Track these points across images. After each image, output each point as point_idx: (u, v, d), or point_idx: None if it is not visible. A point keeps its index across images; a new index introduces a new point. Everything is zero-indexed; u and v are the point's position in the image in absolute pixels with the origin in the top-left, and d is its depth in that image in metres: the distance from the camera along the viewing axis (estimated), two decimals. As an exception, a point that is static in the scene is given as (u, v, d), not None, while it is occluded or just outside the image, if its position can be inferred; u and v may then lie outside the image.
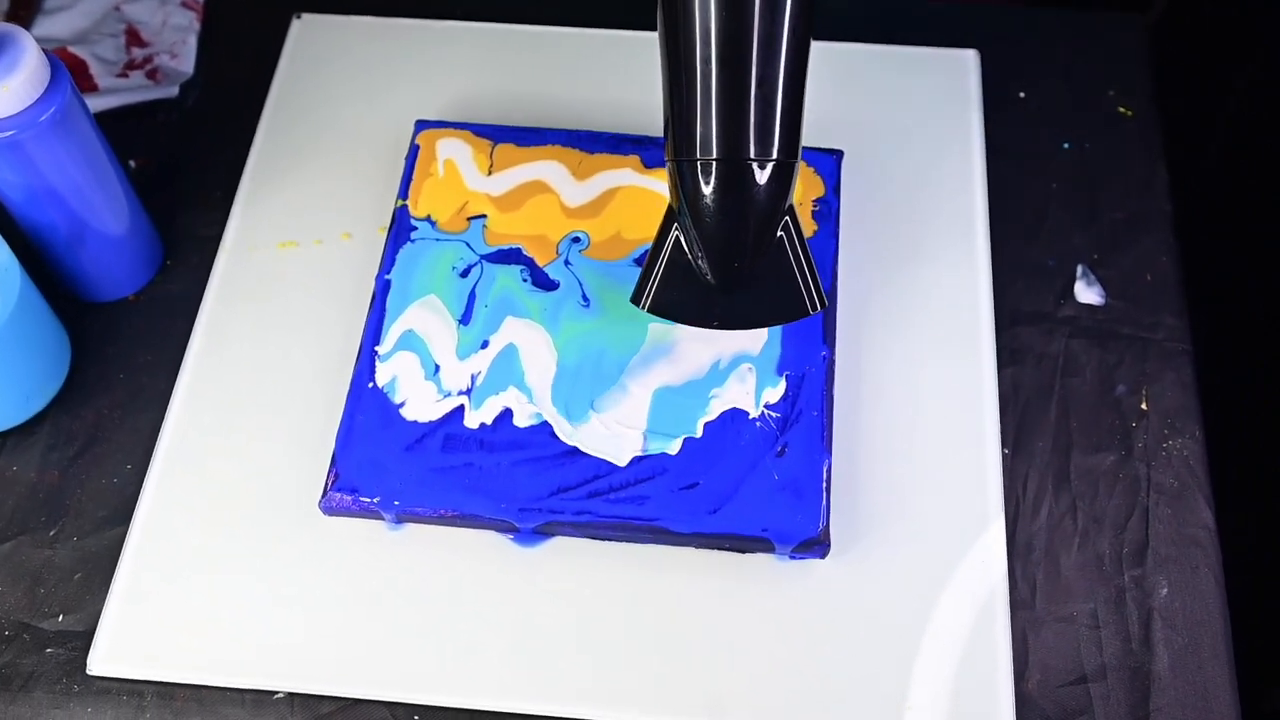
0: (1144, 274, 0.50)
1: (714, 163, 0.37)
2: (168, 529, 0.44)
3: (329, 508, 0.43)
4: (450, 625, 0.42)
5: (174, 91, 0.53)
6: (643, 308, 0.41)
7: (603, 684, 0.41)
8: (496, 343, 0.45)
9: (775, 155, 0.37)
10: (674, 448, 0.43)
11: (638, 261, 0.47)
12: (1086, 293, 0.49)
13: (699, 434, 0.43)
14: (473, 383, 0.44)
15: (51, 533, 0.44)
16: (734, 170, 0.37)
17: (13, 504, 0.45)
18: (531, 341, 0.45)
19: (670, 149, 0.38)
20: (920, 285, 0.49)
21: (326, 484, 0.43)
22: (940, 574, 0.43)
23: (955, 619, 0.42)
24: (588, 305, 0.46)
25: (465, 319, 0.45)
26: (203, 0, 0.56)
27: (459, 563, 0.43)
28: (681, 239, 0.40)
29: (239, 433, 0.46)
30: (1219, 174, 0.54)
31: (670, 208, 0.40)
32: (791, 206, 0.39)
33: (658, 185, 0.49)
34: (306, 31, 0.55)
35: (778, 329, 0.45)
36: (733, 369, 0.44)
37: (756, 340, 0.45)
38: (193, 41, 0.55)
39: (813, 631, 0.42)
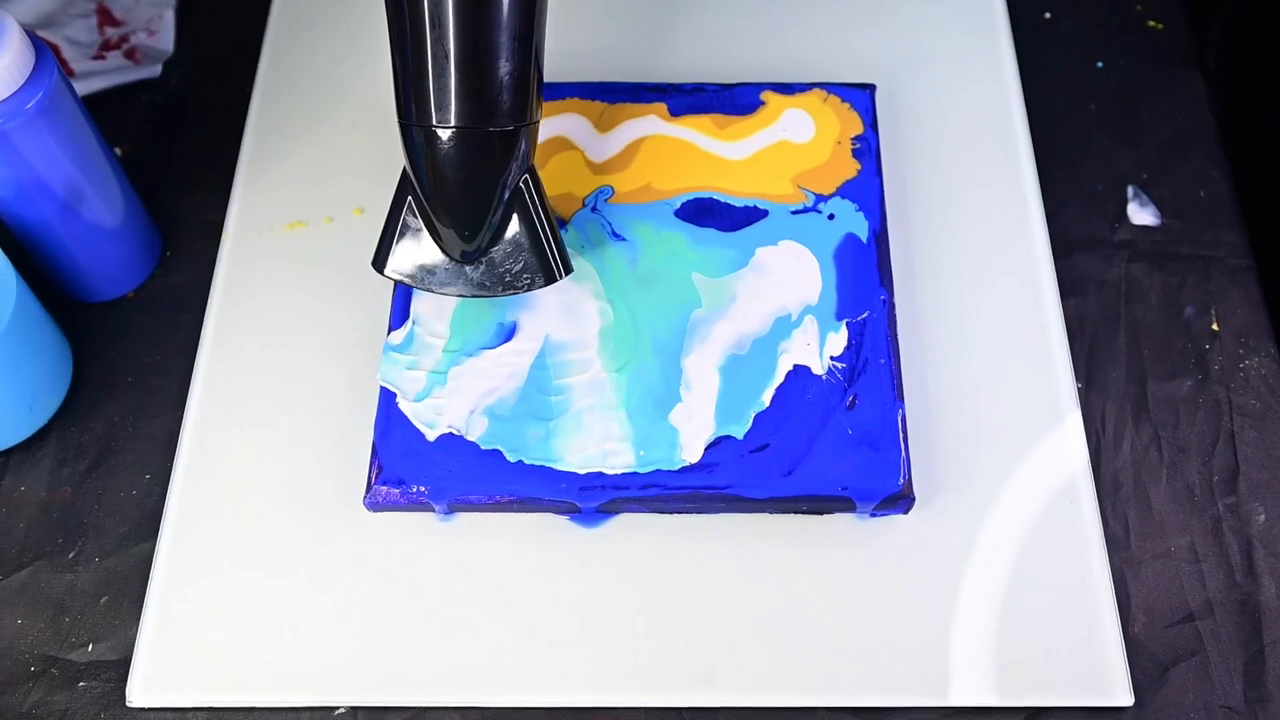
0: (1196, 190, 0.48)
1: (442, 129, 0.35)
2: (197, 541, 0.40)
3: (374, 503, 0.40)
4: (516, 618, 0.39)
5: (156, 71, 0.49)
6: (382, 271, 0.39)
7: (687, 668, 0.38)
8: (530, 329, 0.42)
9: (504, 124, 0.35)
10: (742, 431, 0.40)
11: (678, 213, 0.44)
12: (1140, 214, 0.47)
13: (767, 404, 0.40)
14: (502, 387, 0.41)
15: (71, 555, 0.41)
16: (463, 138, 0.35)
17: (25, 527, 0.41)
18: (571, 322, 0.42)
19: (399, 110, 0.36)
20: (970, 219, 0.46)
21: (370, 478, 0.39)
22: (1029, 518, 0.40)
23: (1050, 565, 0.40)
24: (624, 240, 0.43)
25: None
26: (176, -28, 0.52)
27: (518, 550, 0.40)
28: (409, 204, 0.38)
29: (264, 431, 0.42)
30: (1260, 81, 0.52)
31: (405, 174, 0.38)
32: (532, 168, 0.38)
33: (687, 133, 0.46)
34: (292, -4, 0.52)
35: (831, 273, 0.43)
36: (800, 322, 0.42)
37: (813, 289, 0.42)
38: (170, 16, 0.51)
39: (902, 591, 0.39)
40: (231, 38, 0.51)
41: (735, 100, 0.47)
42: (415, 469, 0.40)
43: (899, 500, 0.39)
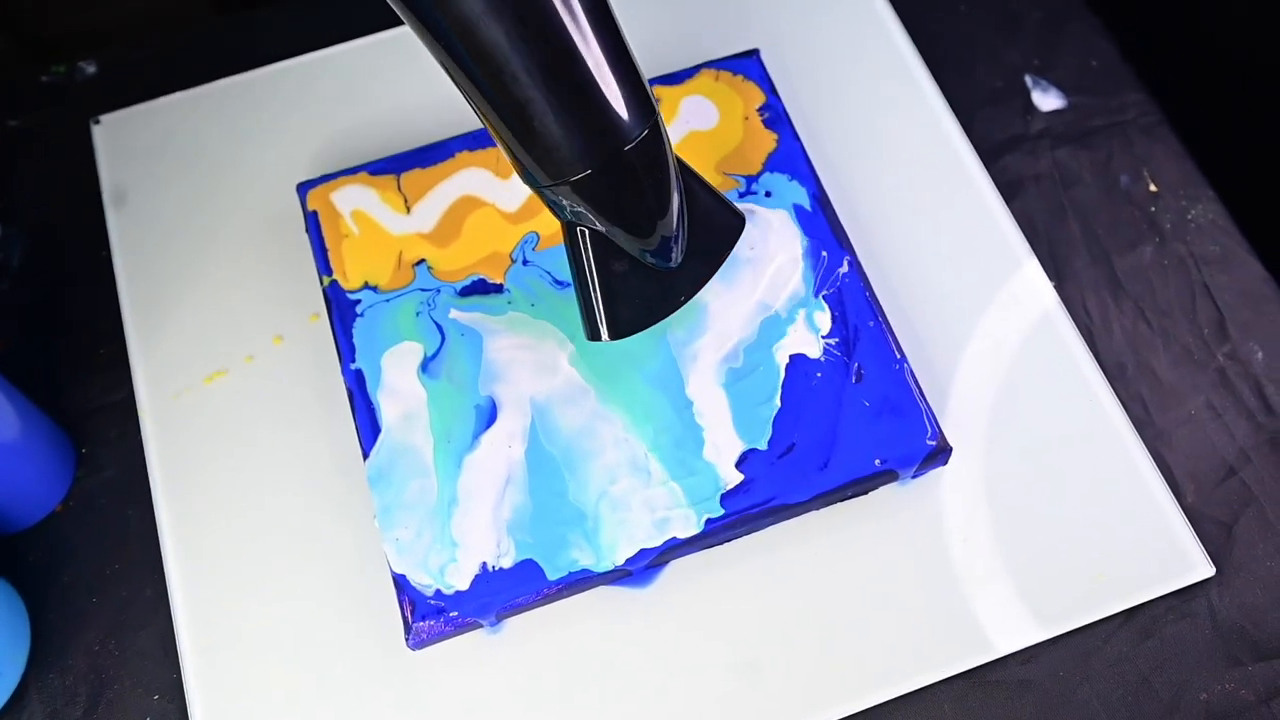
0: (1088, 62, 0.48)
1: (628, 145, 0.32)
2: (239, 747, 0.36)
3: (418, 642, 0.36)
4: (605, 702, 0.37)
5: (-5, 257, 0.44)
6: (607, 339, 0.36)
7: (788, 692, 0.37)
8: (511, 402, 0.39)
9: (646, 121, 0.32)
10: (765, 440, 0.38)
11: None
12: (1046, 100, 0.47)
13: (779, 404, 0.39)
14: (505, 489, 0.38)
15: (103, 813, 0.36)
16: (621, 159, 0.32)
17: (38, 803, 0.36)
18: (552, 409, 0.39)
19: (536, 178, 0.33)
20: (891, 153, 0.45)
21: (405, 617, 0.36)
22: (1056, 429, 0.40)
23: (1092, 470, 0.40)
24: (568, 285, 0.41)
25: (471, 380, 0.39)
26: (-26, 141, 0.46)
27: (580, 635, 0.38)
28: (595, 251, 0.35)
29: (265, 603, 0.38)
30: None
31: (570, 225, 0.35)
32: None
33: (595, 154, 0.43)
34: (113, 134, 0.46)
35: (798, 262, 0.41)
36: (793, 317, 0.40)
37: (780, 287, 0.41)
38: (-16, 193, 0.45)
39: (966, 539, 0.39)
40: (63, 197, 0.45)
41: (628, 105, 0.44)
42: (449, 595, 0.36)
43: (937, 455, 0.38)
